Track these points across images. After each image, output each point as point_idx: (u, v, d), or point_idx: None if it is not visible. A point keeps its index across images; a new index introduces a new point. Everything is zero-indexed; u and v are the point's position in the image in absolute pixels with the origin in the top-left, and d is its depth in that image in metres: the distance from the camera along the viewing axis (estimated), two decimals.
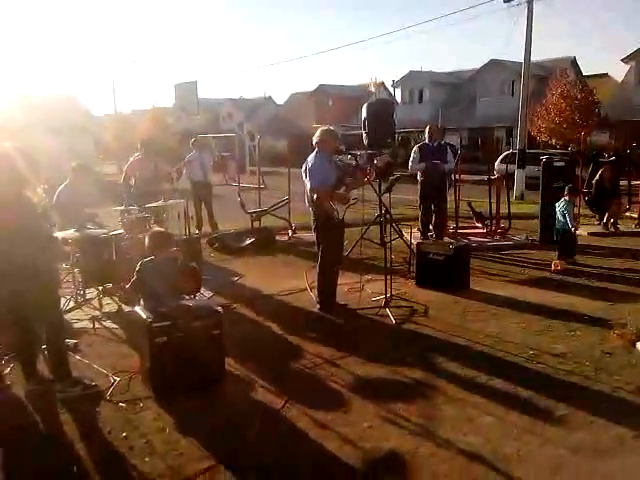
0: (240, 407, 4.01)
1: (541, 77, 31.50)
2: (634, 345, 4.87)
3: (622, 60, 30.17)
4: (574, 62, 36.06)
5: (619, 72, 37.85)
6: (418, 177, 9.11)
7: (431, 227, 9.10)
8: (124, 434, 3.61)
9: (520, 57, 18.33)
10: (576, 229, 8.38)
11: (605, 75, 36.24)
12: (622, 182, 11.86)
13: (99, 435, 3.64)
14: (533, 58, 18.73)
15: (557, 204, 8.36)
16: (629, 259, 8.44)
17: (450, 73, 41.82)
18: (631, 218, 11.67)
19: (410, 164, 9.10)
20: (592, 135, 26.19)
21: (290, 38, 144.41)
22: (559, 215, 8.26)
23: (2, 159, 4.02)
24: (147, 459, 3.36)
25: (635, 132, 24.40)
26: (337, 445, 3.47)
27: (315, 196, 5.77)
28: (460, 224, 10.30)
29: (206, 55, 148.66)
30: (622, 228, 10.96)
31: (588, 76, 34.80)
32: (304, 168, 5.95)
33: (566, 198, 8.27)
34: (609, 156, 12.21)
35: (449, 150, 9.17)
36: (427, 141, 9.11)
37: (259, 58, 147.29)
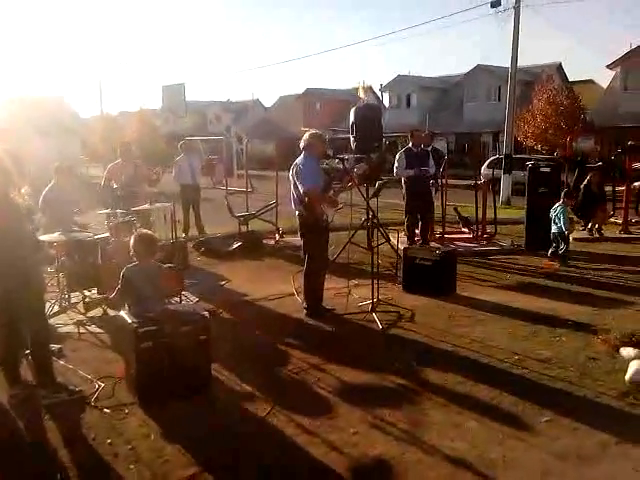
0: (226, 413, 3.99)
1: (527, 82, 31.78)
2: (618, 350, 4.91)
3: (607, 66, 30.51)
4: (560, 68, 36.42)
5: (604, 78, 38.28)
6: (403, 183, 9.10)
7: (417, 232, 9.12)
8: (109, 440, 3.58)
9: (507, 62, 18.48)
10: (570, 233, 8.50)
11: (590, 81, 36.64)
12: (607, 188, 11.97)
13: (83, 441, 3.61)
14: (519, 63, 18.89)
15: (553, 208, 8.50)
16: (613, 265, 8.51)
17: (438, 78, 42.10)
18: (615, 224, 11.80)
19: (396, 170, 9.08)
20: (577, 141, 26.43)
21: (278, 41, 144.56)
22: (554, 218, 8.40)
23: None
24: (132, 466, 3.34)
25: (620, 138, 24.67)
26: (323, 451, 3.47)
27: (306, 199, 5.77)
28: (447, 229, 10.36)
29: (194, 57, 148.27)
30: (606, 234, 11.07)
31: (574, 82, 35.17)
32: (292, 172, 5.95)
33: (562, 202, 8.43)
34: (595, 162, 12.34)
35: (431, 156, 9.16)
36: (411, 146, 9.09)
37: (247, 61, 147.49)
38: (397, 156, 9.11)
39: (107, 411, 3.95)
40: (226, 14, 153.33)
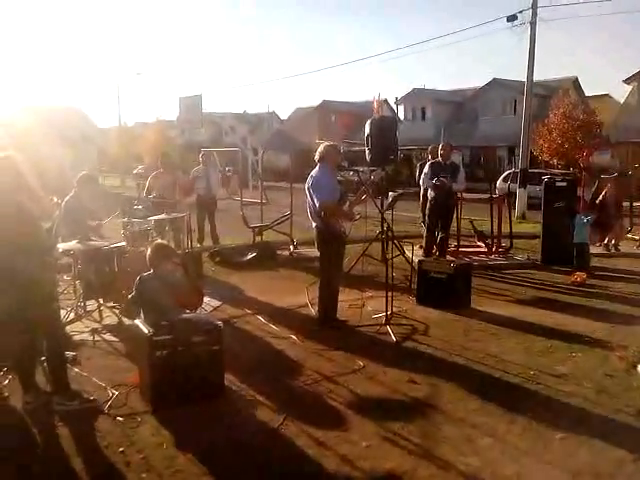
0: (239, 423, 3.98)
1: (543, 96, 31.68)
2: (635, 367, 4.84)
3: (624, 81, 30.34)
4: (576, 82, 36.29)
5: (621, 93, 38.08)
6: (428, 195, 9.07)
7: (434, 245, 9.08)
8: (121, 449, 3.59)
9: (523, 76, 18.43)
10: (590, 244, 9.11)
11: (607, 96, 36.46)
12: (624, 203, 11.87)
13: (96, 449, 3.62)
14: (535, 77, 18.82)
15: (577, 219, 8.74)
16: (630, 280, 8.42)
17: (453, 91, 42.11)
18: (632, 239, 11.68)
19: (422, 180, 9.12)
20: (594, 155, 26.24)
21: (294, 53, 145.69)
22: (577, 229, 8.62)
23: (6, 166, 4.04)
24: (144, 475, 3.33)
25: (636, 153, 24.50)
26: (335, 464, 3.45)
27: (322, 212, 5.78)
28: (462, 243, 10.32)
29: (210, 69, 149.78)
30: (623, 249, 10.97)
31: (590, 96, 35.02)
32: (308, 184, 5.96)
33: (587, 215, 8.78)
34: (611, 174, 12.29)
35: (461, 170, 9.16)
36: (440, 159, 9.05)
37: (263, 73, 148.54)
38: (426, 167, 9.21)
39: (120, 419, 3.96)
40: (243, 27, 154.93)
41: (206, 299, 6.87)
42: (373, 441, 3.71)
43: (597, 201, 11.15)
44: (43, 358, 4.38)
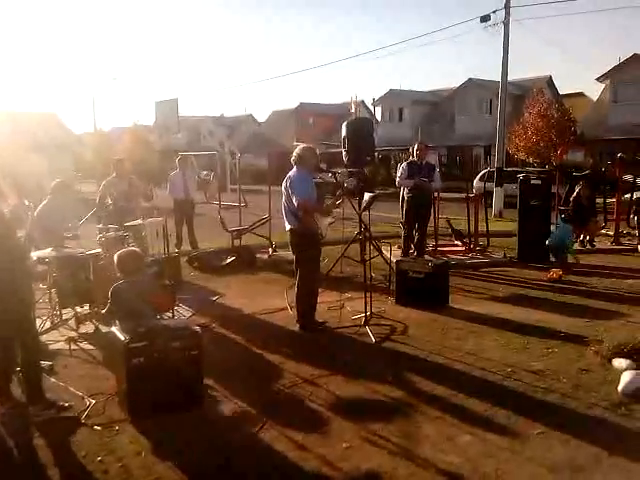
0: (218, 429, 3.96)
1: (518, 96, 32.04)
2: (610, 361, 4.92)
3: (597, 79, 30.83)
4: (550, 81, 36.75)
5: (594, 91, 38.69)
6: (405, 195, 9.15)
7: (412, 245, 9.14)
8: (99, 458, 3.54)
9: (498, 76, 18.63)
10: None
11: (581, 94, 36.99)
12: (598, 200, 12.07)
13: (73, 459, 3.57)
14: (510, 77, 19.04)
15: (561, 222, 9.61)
16: (605, 276, 8.55)
17: (429, 92, 42.39)
18: (607, 235, 11.86)
19: (398, 179, 9.21)
20: (568, 153, 26.61)
21: (271, 55, 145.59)
22: (560, 230, 9.23)
23: None
24: None
25: (610, 150, 24.91)
26: (316, 466, 3.45)
27: (300, 212, 5.78)
28: (439, 242, 10.39)
29: (187, 72, 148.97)
30: (598, 245, 11.13)
31: (564, 95, 35.50)
32: (286, 184, 5.96)
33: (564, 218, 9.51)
34: (583, 171, 12.49)
35: (436, 170, 9.25)
36: (415, 159, 9.14)
37: (240, 76, 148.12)
38: (401, 166, 9.29)
39: (98, 428, 3.91)
40: (217, 30, 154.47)
41: (184, 304, 6.85)
42: (353, 442, 3.72)
43: (571, 199, 11.32)
44: (18, 368, 4.31)
